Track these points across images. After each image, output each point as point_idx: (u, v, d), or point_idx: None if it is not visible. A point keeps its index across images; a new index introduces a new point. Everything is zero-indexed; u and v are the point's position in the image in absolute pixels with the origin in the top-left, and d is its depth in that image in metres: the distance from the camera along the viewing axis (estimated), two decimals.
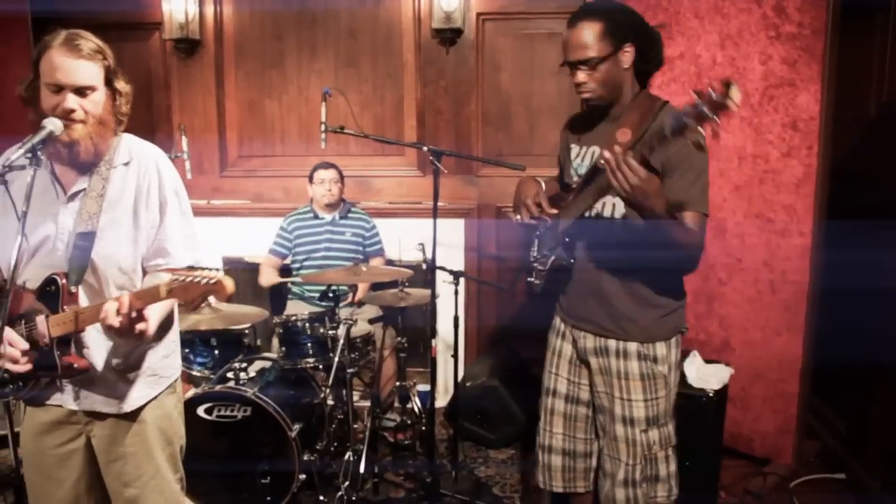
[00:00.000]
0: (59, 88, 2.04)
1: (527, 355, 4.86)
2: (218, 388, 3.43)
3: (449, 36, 4.85)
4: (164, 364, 2.34)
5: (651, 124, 2.23)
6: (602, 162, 2.05)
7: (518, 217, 2.54)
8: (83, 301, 2.12)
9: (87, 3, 5.05)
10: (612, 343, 2.47)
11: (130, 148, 2.26)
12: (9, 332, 2.02)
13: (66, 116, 2.04)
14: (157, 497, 2.32)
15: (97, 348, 2.17)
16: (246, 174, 5.30)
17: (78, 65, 2.04)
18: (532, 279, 2.63)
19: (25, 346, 2.03)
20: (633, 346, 2.44)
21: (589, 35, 2.26)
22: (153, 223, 2.23)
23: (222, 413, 3.40)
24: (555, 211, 2.44)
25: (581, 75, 2.32)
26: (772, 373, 3.85)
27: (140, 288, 2.05)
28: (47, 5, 4.96)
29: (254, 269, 4.83)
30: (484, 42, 4.90)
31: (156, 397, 2.32)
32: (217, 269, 1.92)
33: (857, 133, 3.80)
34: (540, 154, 4.85)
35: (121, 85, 2.17)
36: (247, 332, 3.99)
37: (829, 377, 3.96)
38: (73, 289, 2.08)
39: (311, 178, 4.54)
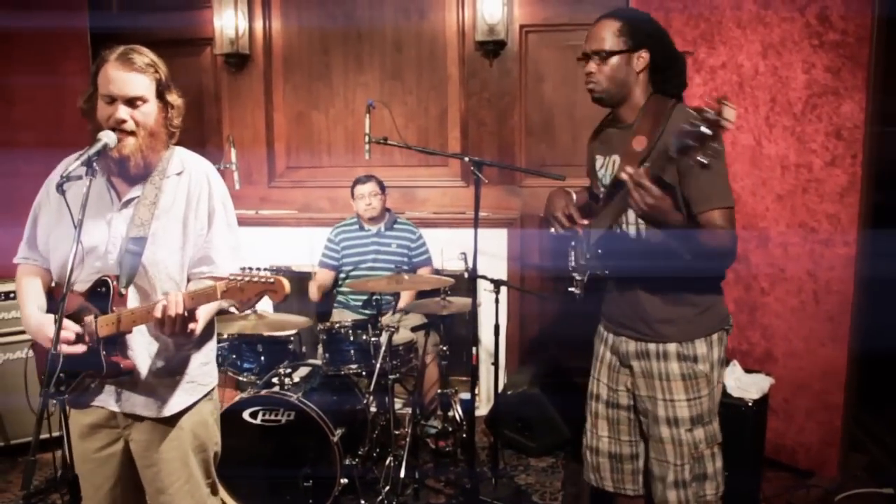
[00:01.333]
0: (112, 99, 2.14)
1: (568, 364, 4.89)
2: (263, 392, 3.52)
3: (492, 48, 4.91)
4: (202, 371, 2.42)
5: (665, 125, 2.28)
6: (621, 177, 2.12)
7: (552, 229, 2.60)
8: (132, 304, 2.20)
9: (143, 20, 5.27)
10: (651, 346, 2.48)
11: (183, 160, 2.36)
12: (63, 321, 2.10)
13: (118, 126, 2.14)
14: (189, 501, 2.38)
15: (141, 351, 2.25)
16: (293, 185, 5.42)
17: (130, 77, 2.14)
18: (572, 288, 2.67)
19: (78, 328, 2.11)
20: (672, 347, 2.45)
21: (607, 30, 2.36)
22: (201, 232, 2.32)
23: (267, 417, 3.48)
24: (586, 221, 2.48)
25: (591, 65, 2.39)
26: (815, 384, 3.80)
27: (195, 288, 2.12)
28: (105, 22, 5.18)
29: (301, 277, 4.94)
30: (527, 54, 4.95)
31: (194, 404, 2.39)
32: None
33: None
34: (583, 164, 4.83)
35: (173, 98, 2.27)
36: (292, 339, 4.07)
37: (877, 389, 3.91)
38: (123, 291, 2.16)
39: (352, 193, 4.62)
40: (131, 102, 2.16)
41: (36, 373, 4.26)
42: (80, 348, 2.10)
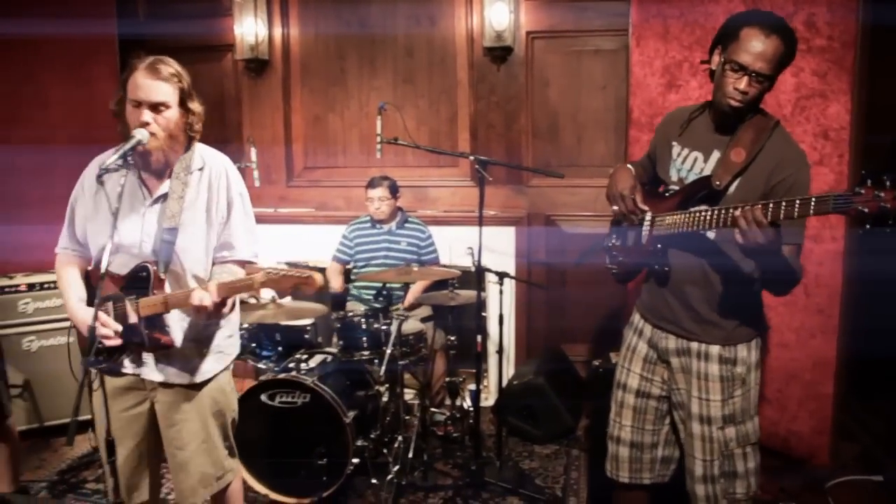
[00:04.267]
0: (139, 104, 2.39)
1: (573, 356, 5.06)
2: (280, 376, 3.71)
3: (500, 54, 5.07)
4: (228, 343, 2.71)
5: (765, 143, 2.32)
6: (735, 214, 2.09)
7: (614, 207, 2.69)
8: (168, 287, 2.45)
9: (168, 27, 5.48)
10: (693, 345, 2.52)
11: (203, 155, 2.60)
12: (102, 316, 2.34)
13: (142, 128, 2.37)
14: (205, 459, 2.65)
15: (175, 326, 2.50)
16: (310, 184, 5.62)
17: (155, 85, 2.39)
18: (609, 265, 2.76)
19: (118, 327, 2.36)
20: (714, 349, 2.49)
21: (776, 53, 2.24)
22: (221, 220, 2.58)
23: (284, 399, 3.67)
24: (647, 208, 2.57)
25: (746, 83, 2.28)
26: (806, 374, 3.95)
27: (235, 279, 2.36)
28: (132, 29, 5.41)
29: (319, 271, 5.13)
30: (533, 59, 5.11)
31: (220, 372, 2.66)
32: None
33: (887, 142, 3.90)
34: (587, 165, 5.05)
35: (194, 105, 2.51)
36: (308, 328, 4.28)
37: (869, 380, 4.02)
38: (162, 276, 2.42)
39: (366, 192, 4.75)
40: (155, 107, 2.40)
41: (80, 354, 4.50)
42: (118, 342, 2.34)
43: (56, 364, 4.50)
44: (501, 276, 4.11)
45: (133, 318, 2.39)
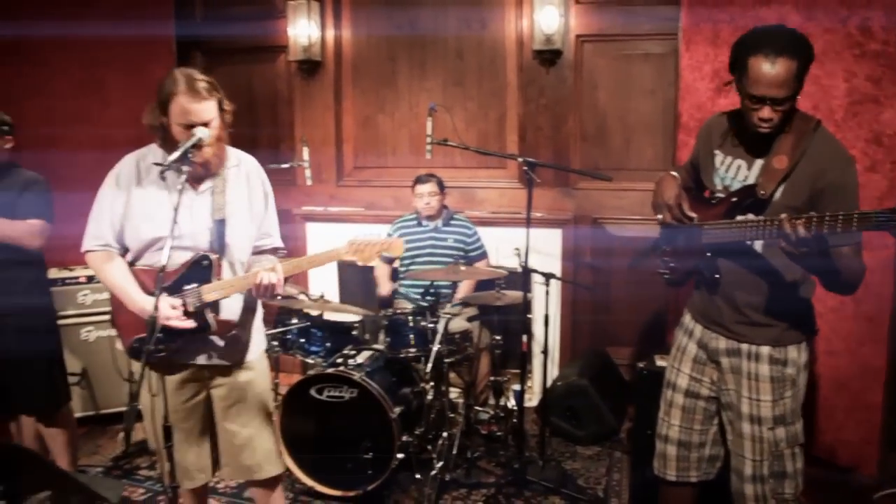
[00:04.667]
0: (190, 125, 2.48)
1: (617, 360, 5.07)
2: (329, 370, 3.79)
3: (549, 57, 5.09)
4: (261, 321, 2.89)
5: (807, 147, 2.34)
6: (783, 225, 2.13)
7: (659, 216, 2.74)
8: (224, 274, 2.61)
9: (223, 29, 5.63)
10: (744, 346, 2.54)
11: (236, 155, 2.76)
12: (170, 299, 2.51)
13: (200, 144, 2.47)
14: (268, 437, 2.84)
15: (227, 308, 2.66)
16: (360, 184, 5.70)
17: (202, 107, 2.48)
18: (662, 270, 2.80)
19: (188, 308, 2.54)
20: (765, 350, 2.51)
21: (788, 74, 2.24)
22: (259, 211, 2.76)
23: (332, 394, 3.75)
24: (694, 215, 2.60)
25: (768, 111, 2.31)
26: (855, 383, 3.91)
27: (314, 254, 2.59)
28: (189, 31, 5.56)
29: (367, 270, 5.22)
30: (582, 62, 5.12)
31: (262, 351, 2.86)
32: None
33: None
34: (635, 168, 5.05)
35: (226, 105, 2.62)
36: (356, 326, 4.36)
37: None
38: (221, 263, 2.59)
39: (413, 191, 4.83)
40: (205, 124, 2.51)
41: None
42: (189, 324, 2.51)
43: (112, 354, 4.68)
44: (548, 276, 4.15)
45: (198, 305, 2.54)
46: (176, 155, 2.36)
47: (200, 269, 2.56)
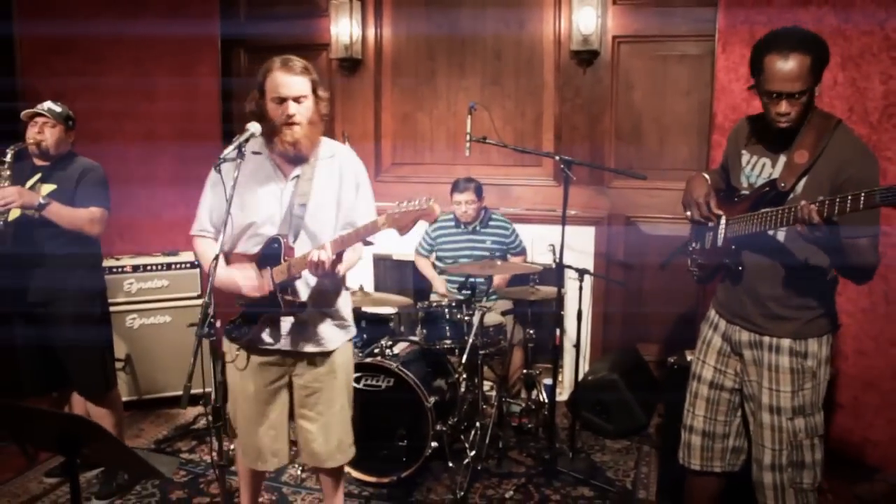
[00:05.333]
0: (283, 100, 2.64)
1: (648, 356, 5.13)
2: (366, 360, 3.90)
3: (586, 57, 5.16)
4: (349, 316, 2.97)
5: (828, 142, 2.42)
6: (797, 209, 2.23)
7: (688, 213, 2.84)
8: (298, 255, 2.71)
9: (267, 27, 5.75)
10: (766, 339, 2.61)
11: (332, 147, 2.87)
12: (247, 270, 2.68)
13: (289, 121, 2.63)
14: (344, 427, 2.97)
15: (304, 294, 2.76)
16: (398, 180, 5.78)
17: (295, 80, 2.65)
18: (691, 269, 2.91)
19: (261, 278, 2.66)
20: (786, 343, 2.58)
21: (801, 68, 2.34)
22: (348, 200, 2.82)
23: (369, 382, 3.88)
24: (721, 212, 2.70)
25: (785, 106, 2.40)
26: (885, 383, 3.93)
27: (355, 228, 2.60)
28: (234, 29, 5.71)
29: (402, 264, 5.40)
30: (618, 63, 5.18)
31: (345, 343, 2.94)
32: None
33: None
34: (669, 168, 5.09)
35: (321, 92, 2.77)
36: (392, 318, 4.48)
37: None
38: (291, 245, 2.68)
39: (451, 197, 4.85)
40: (297, 100, 2.65)
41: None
42: (266, 290, 2.64)
43: (155, 341, 4.85)
44: (582, 272, 4.23)
45: (270, 286, 2.65)
46: (230, 149, 2.48)
47: (272, 252, 2.68)
